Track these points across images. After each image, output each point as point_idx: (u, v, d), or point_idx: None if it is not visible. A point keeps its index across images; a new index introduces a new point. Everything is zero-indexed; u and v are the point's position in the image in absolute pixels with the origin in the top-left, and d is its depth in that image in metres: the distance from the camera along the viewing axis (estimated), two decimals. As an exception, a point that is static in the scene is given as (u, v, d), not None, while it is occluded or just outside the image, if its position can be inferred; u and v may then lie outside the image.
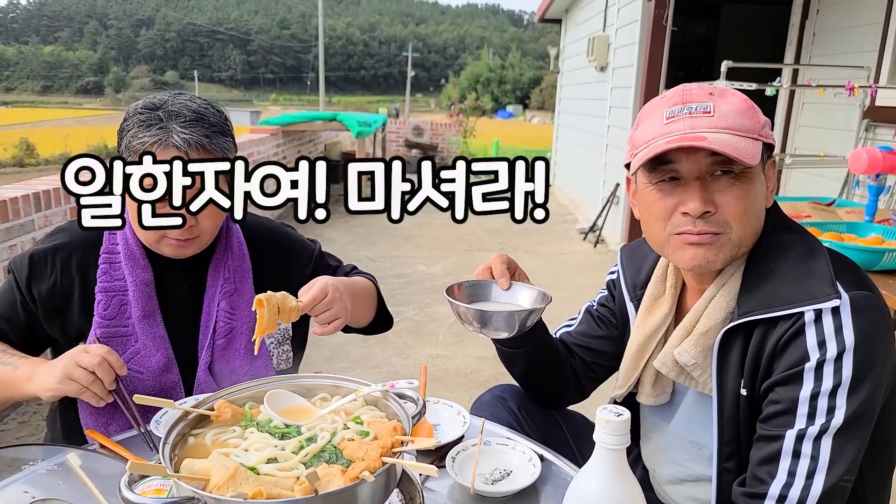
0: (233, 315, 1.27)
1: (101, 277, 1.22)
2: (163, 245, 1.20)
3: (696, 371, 1.02)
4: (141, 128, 1.13)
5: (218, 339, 1.26)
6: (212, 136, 1.15)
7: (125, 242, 1.23)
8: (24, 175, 13.45)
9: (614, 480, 0.68)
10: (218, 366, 1.26)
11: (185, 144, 1.12)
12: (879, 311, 0.91)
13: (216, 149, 1.16)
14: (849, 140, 3.54)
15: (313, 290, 1.10)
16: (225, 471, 0.72)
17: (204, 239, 1.22)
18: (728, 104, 0.95)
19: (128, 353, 1.20)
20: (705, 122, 0.93)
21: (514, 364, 1.25)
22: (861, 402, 0.87)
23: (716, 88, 0.98)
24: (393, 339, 3.62)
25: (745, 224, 0.95)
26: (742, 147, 0.91)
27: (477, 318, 1.07)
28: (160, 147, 1.11)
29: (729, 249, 0.96)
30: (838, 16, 3.98)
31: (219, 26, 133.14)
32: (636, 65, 5.38)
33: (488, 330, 1.08)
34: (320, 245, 1.46)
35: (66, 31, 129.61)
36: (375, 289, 1.42)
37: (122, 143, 1.16)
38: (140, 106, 1.17)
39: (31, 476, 0.98)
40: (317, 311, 1.11)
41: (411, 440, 0.81)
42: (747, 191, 0.94)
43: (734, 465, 1.00)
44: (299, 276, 1.35)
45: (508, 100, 65.72)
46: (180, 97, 1.19)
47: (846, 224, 2.27)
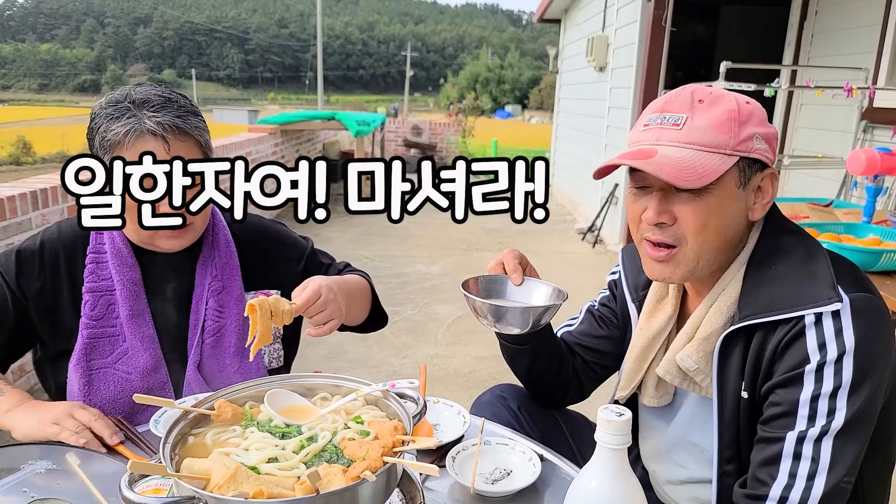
0: (221, 313, 1.26)
1: (89, 277, 1.20)
2: (157, 238, 1.19)
3: (698, 376, 1.02)
4: (111, 121, 1.12)
5: (207, 338, 1.25)
6: (184, 117, 1.15)
7: (112, 241, 1.21)
8: (21, 173, 13.41)
9: (616, 480, 0.68)
10: (207, 365, 1.25)
11: (161, 128, 1.11)
12: (879, 312, 0.91)
13: (191, 128, 1.15)
14: (847, 141, 3.55)
15: (307, 292, 1.08)
16: (226, 470, 0.72)
17: (197, 226, 1.21)
18: (705, 117, 0.94)
19: (116, 354, 1.19)
20: (671, 134, 0.94)
21: (518, 361, 1.25)
22: (861, 403, 0.88)
23: (711, 94, 0.96)
24: (391, 338, 3.62)
25: (701, 240, 0.95)
26: (696, 165, 0.91)
27: (492, 313, 1.08)
28: (134, 135, 1.10)
29: (685, 265, 0.98)
30: (837, 17, 3.99)
31: (217, 25, 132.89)
32: (635, 65, 5.38)
33: (502, 325, 1.09)
34: (313, 242, 1.45)
35: (63, 29, 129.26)
36: (369, 286, 1.41)
37: (94, 144, 1.15)
38: (104, 103, 1.16)
39: (31, 475, 0.98)
40: (311, 312, 1.09)
41: (412, 440, 0.81)
42: (708, 206, 0.94)
43: (734, 468, 1.00)
44: (290, 274, 1.35)
45: (507, 100, 65.74)
46: (141, 87, 1.18)
47: (844, 225, 2.27)
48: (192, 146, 1.16)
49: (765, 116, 0.98)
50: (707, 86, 1.02)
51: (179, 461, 0.78)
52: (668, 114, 0.96)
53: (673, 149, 0.93)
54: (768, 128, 0.98)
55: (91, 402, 1.18)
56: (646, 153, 0.94)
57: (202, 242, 1.28)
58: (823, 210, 2.61)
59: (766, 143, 0.96)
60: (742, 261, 1.00)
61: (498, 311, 1.08)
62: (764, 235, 1.00)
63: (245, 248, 1.32)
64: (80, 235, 1.23)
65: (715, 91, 0.98)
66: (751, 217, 0.99)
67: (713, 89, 0.98)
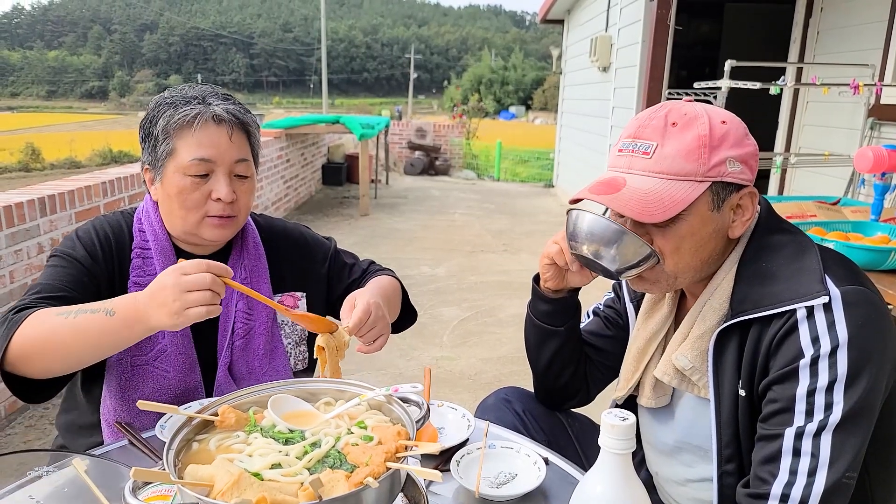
0: (250, 315, 1.27)
1: (135, 272, 1.21)
2: (203, 227, 1.20)
3: (694, 375, 1.02)
4: (177, 107, 1.17)
5: (237, 340, 1.26)
6: (244, 112, 1.23)
7: (155, 238, 1.23)
8: (30, 179, 13.51)
9: (620, 485, 0.67)
10: (237, 366, 1.26)
11: (228, 114, 1.18)
12: (873, 305, 0.90)
13: (251, 123, 1.23)
14: (854, 138, 3.52)
15: (357, 313, 1.09)
16: (229, 476, 0.72)
17: (240, 218, 1.24)
18: (674, 144, 0.93)
19: (155, 351, 1.20)
20: (641, 163, 0.95)
21: (546, 346, 1.24)
22: (859, 396, 0.87)
23: (685, 116, 0.94)
24: (397, 340, 3.62)
25: (677, 259, 0.97)
26: (663, 197, 0.91)
27: (609, 232, 0.96)
28: (202, 119, 1.16)
29: (665, 280, 1.00)
30: (842, 14, 3.96)
31: (222, 30, 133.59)
32: (639, 65, 5.37)
33: (607, 250, 0.97)
34: (336, 243, 1.47)
35: (70, 36, 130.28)
36: (399, 285, 1.42)
37: (157, 127, 1.17)
38: (166, 94, 1.21)
39: (37, 481, 0.98)
40: (362, 332, 1.11)
41: (416, 445, 0.80)
42: (679, 232, 0.95)
43: (734, 468, 0.99)
44: (315, 275, 1.37)
45: (511, 101, 65.75)
46: (197, 86, 1.24)
47: (852, 223, 2.25)
48: (246, 141, 1.23)
49: (742, 135, 0.96)
50: (689, 99, 1.01)
51: (183, 467, 0.78)
52: (639, 141, 0.96)
53: (642, 178, 0.94)
54: (745, 147, 0.95)
55: (130, 398, 1.19)
56: (615, 185, 0.95)
57: (232, 246, 1.30)
58: (831, 208, 2.59)
59: (743, 164, 0.95)
60: (734, 259, 1.00)
61: (616, 233, 0.96)
62: (756, 235, 1.01)
63: (272, 251, 1.33)
64: (126, 229, 1.25)
65: (690, 112, 0.95)
66: (731, 235, 0.99)
67: (689, 109, 0.96)
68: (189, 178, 1.15)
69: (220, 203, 1.17)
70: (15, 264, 2.79)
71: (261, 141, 1.35)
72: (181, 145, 1.15)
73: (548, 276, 1.18)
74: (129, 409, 1.19)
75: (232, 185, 1.18)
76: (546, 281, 1.19)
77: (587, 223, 0.99)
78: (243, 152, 1.20)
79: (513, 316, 4.12)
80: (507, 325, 3.97)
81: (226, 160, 1.17)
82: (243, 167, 1.20)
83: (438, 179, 11.05)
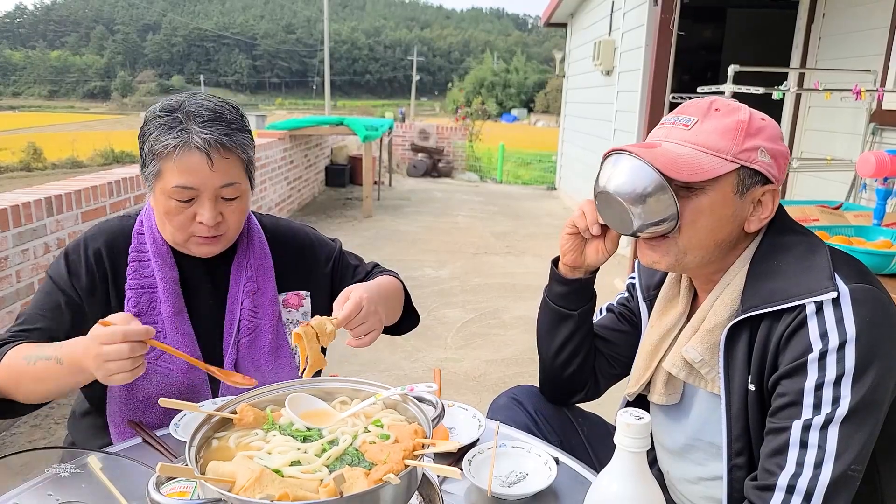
0: (256, 314, 1.29)
1: (131, 275, 1.23)
2: (190, 244, 1.22)
3: (703, 368, 1.04)
4: (162, 131, 1.16)
5: (242, 338, 1.27)
6: (230, 134, 1.18)
7: (153, 241, 1.25)
8: (32, 179, 13.53)
9: (635, 483, 0.69)
10: (243, 364, 1.27)
11: (206, 144, 1.15)
12: (881, 303, 0.93)
13: (235, 146, 1.19)
14: (856, 143, 3.54)
15: (348, 305, 1.09)
16: (251, 473, 0.74)
17: (230, 235, 1.24)
18: (714, 122, 0.98)
19: (158, 350, 1.21)
20: (679, 133, 0.99)
21: (559, 330, 1.25)
22: (866, 391, 0.88)
23: (728, 106, 1.00)
24: (401, 342, 3.63)
25: (692, 233, 0.99)
26: (691, 162, 0.95)
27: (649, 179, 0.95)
28: (182, 149, 1.14)
29: (674, 254, 1.01)
30: (845, 20, 3.98)
31: (225, 31, 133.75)
32: (642, 69, 5.39)
33: (639, 197, 0.96)
34: (341, 244, 1.48)
35: (72, 36, 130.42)
36: (402, 286, 1.43)
37: (144, 148, 1.19)
38: (158, 109, 1.20)
39: (55, 479, 0.99)
40: (352, 325, 1.10)
41: (432, 443, 0.82)
42: (699, 204, 0.97)
43: (744, 462, 1.01)
44: (320, 276, 1.39)
45: (513, 103, 65.78)
46: (196, 97, 1.21)
47: (854, 228, 2.27)
48: (234, 162, 1.20)
49: (777, 135, 1.00)
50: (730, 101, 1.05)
51: (204, 464, 0.79)
52: (681, 115, 1.01)
53: (676, 146, 0.98)
54: (778, 145, 0.99)
55: (135, 397, 1.21)
56: (650, 146, 0.99)
57: (237, 246, 1.31)
58: (833, 213, 2.61)
59: (773, 159, 0.98)
60: (746, 258, 1.03)
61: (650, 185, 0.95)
62: (768, 234, 1.03)
63: (278, 251, 1.35)
64: (122, 234, 1.26)
65: (734, 104, 1.00)
66: (746, 228, 1.01)
67: (733, 102, 1.01)
68: (174, 200, 1.16)
69: (204, 226, 1.18)
70: (21, 264, 2.81)
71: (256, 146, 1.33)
72: (165, 169, 1.15)
73: (566, 248, 1.19)
74: (134, 408, 1.21)
75: (218, 207, 1.18)
76: (564, 255, 1.20)
77: (629, 165, 0.97)
78: (229, 177, 1.18)
79: (517, 318, 4.13)
80: (512, 326, 3.99)
81: (208, 186, 1.16)
82: (229, 191, 1.19)
83: (441, 181, 11.07)
